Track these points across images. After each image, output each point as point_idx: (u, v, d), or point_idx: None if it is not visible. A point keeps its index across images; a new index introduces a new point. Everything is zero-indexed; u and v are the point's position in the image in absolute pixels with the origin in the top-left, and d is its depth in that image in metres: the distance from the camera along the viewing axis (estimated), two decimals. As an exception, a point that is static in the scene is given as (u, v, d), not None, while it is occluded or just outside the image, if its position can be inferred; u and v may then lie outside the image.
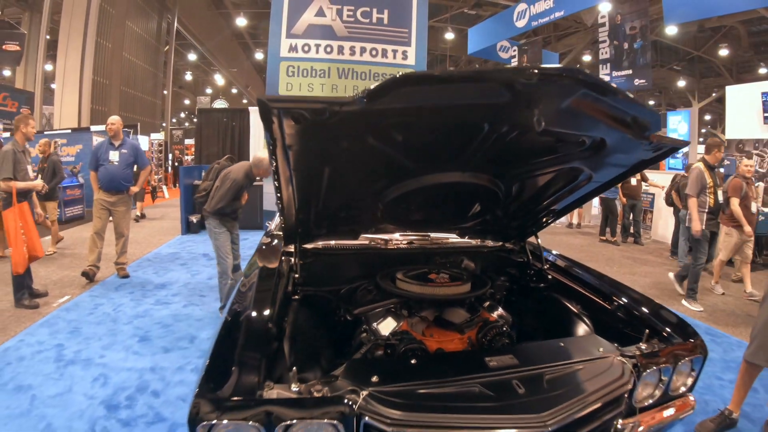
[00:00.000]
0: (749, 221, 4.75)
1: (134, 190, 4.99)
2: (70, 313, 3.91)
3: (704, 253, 4.54)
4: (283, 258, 2.25)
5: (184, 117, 35.11)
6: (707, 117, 25.53)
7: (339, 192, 1.88)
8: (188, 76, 27.63)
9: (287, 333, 1.73)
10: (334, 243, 2.46)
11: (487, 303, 2.24)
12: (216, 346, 1.45)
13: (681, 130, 13.51)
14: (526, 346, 1.93)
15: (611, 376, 1.48)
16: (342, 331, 2.12)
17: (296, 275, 2.05)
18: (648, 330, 1.76)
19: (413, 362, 1.54)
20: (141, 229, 8.18)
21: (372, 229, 2.42)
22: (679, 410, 1.70)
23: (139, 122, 13.72)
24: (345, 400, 1.23)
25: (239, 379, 1.27)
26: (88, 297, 4.36)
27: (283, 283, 2.00)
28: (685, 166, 7.57)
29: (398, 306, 2.08)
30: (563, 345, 1.68)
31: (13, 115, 10.76)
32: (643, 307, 1.95)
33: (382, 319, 2.00)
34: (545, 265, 2.44)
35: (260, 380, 1.28)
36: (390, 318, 2.00)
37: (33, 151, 5.15)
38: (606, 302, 2.08)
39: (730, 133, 7.80)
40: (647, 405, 1.63)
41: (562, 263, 2.51)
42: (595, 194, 2.19)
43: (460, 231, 2.62)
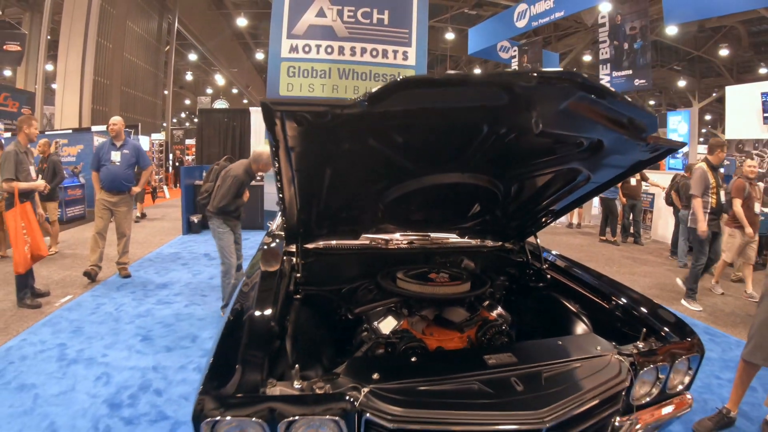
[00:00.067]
0: (752, 222, 4.72)
1: (136, 190, 5.02)
2: (72, 313, 3.93)
3: (705, 253, 4.53)
4: (285, 258, 2.27)
5: (184, 117, 35.13)
6: (707, 117, 25.52)
7: (340, 192, 1.90)
8: (189, 76, 27.62)
9: (289, 332, 1.75)
10: (335, 243, 2.48)
11: (487, 302, 2.26)
12: (219, 344, 1.47)
13: (681, 130, 13.51)
14: (524, 344, 1.95)
15: (608, 374, 1.49)
16: (343, 330, 2.13)
17: (298, 275, 2.07)
18: (645, 329, 1.77)
19: (413, 360, 1.56)
20: (142, 229, 8.20)
21: (373, 229, 2.43)
22: (676, 408, 1.73)
23: (139, 122, 13.71)
24: (347, 397, 1.25)
25: (243, 377, 1.29)
26: (90, 297, 4.38)
27: (285, 283, 2.02)
28: (685, 166, 7.58)
29: (399, 305, 2.10)
30: (561, 343, 1.70)
31: (14, 115, 10.76)
32: (641, 306, 1.97)
33: (382, 317, 2.02)
34: (544, 265, 2.46)
35: (263, 378, 1.31)
36: (390, 317, 2.02)
37: (33, 152, 5.15)
38: (604, 302, 2.09)
39: (730, 133, 7.81)
40: (644, 403, 1.65)
41: (561, 263, 2.53)
42: (594, 194, 2.21)
43: (459, 231, 2.64)
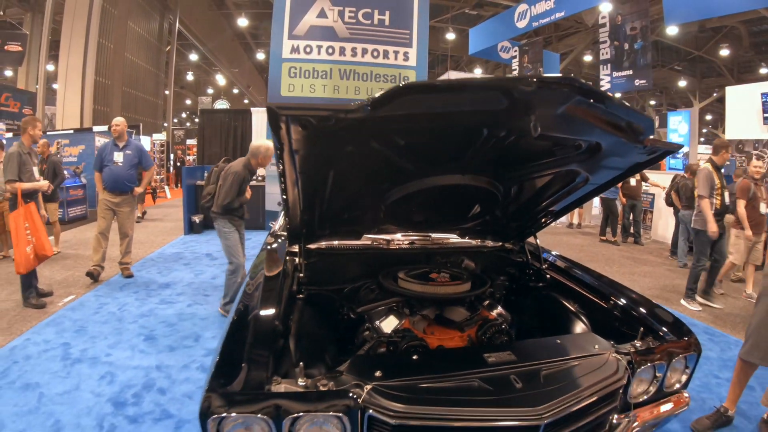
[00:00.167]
0: (758, 222, 4.71)
1: (138, 191, 5.03)
2: (76, 313, 3.96)
3: (706, 255, 4.52)
4: (288, 258, 2.30)
5: (185, 117, 35.17)
6: (708, 117, 25.52)
7: (343, 193, 1.93)
8: (190, 77, 27.66)
9: (293, 331, 1.78)
10: (337, 243, 2.50)
11: (487, 302, 2.29)
12: (225, 343, 1.50)
13: (681, 130, 13.50)
14: (523, 343, 1.98)
15: (606, 372, 1.52)
16: (345, 329, 2.16)
17: (301, 275, 2.10)
18: (643, 328, 1.80)
19: (415, 358, 1.59)
20: (144, 229, 8.22)
21: (374, 230, 2.46)
22: (674, 406, 1.75)
23: (141, 122, 13.75)
24: (350, 394, 1.28)
25: (248, 375, 1.31)
26: (93, 296, 4.41)
27: (288, 283, 2.04)
28: (685, 166, 7.60)
29: (400, 304, 2.12)
30: (560, 342, 1.72)
31: (15, 115, 10.79)
32: (640, 306, 2.00)
33: (384, 317, 2.06)
34: (544, 265, 2.48)
35: (268, 375, 1.34)
36: (392, 316, 2.05)
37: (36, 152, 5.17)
38: (603, 301, 2.12)
39: (730, 133, 7.84)
40: (642, 401, 1.68)
41: (560, 263, 2.55)
42: (593, 195, 2.24)
43: (460, 231, 2.66)
